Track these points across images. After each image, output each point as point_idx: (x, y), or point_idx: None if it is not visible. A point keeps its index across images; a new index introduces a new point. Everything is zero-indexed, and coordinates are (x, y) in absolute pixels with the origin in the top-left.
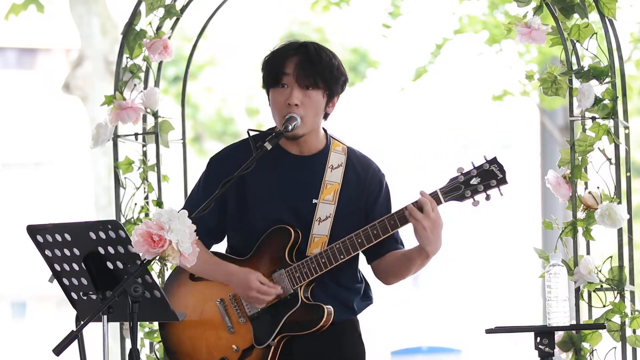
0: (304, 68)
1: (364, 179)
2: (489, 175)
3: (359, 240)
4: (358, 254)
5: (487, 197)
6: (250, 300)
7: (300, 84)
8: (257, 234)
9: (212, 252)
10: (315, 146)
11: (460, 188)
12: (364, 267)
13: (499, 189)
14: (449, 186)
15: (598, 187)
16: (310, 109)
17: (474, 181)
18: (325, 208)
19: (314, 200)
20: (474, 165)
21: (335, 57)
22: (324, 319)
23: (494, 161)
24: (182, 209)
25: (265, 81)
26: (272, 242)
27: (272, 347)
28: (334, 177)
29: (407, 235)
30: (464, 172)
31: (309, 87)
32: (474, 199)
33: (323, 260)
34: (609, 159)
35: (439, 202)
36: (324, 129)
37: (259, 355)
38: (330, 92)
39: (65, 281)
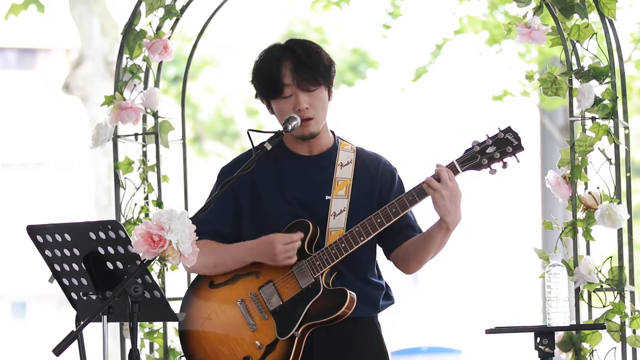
0: (300, 73)
1: (374, 174)
2: (505, 143)
3: (379, 220)
4: (376, 248)
5: (504, 165)
6: (280, 256)
7: (303, 89)
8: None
9: None
10: (323, 144)
11: (476, 157)
12: (383, 270)
13: (515, 156)
14: (466, 156)
15: (598, 188)
16: (320, 108)
17: (489, 150)
18: (339, 203)
19: (327, 197)
20: (488, 136)
21: (320, 49)
22: (347, 303)
23: (508, 130)
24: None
25: (264, 94)
26: None
27: (296, 339)
28: (344, 173)
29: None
30: (479, 142)
31: (312, 89)
32: (490, 168)
33: (343, 245)
34: (609, 159)
35: (456, 172)
36: (332, 131)
37: (282, 348)
38: (329, 83)
39: (65, 281)
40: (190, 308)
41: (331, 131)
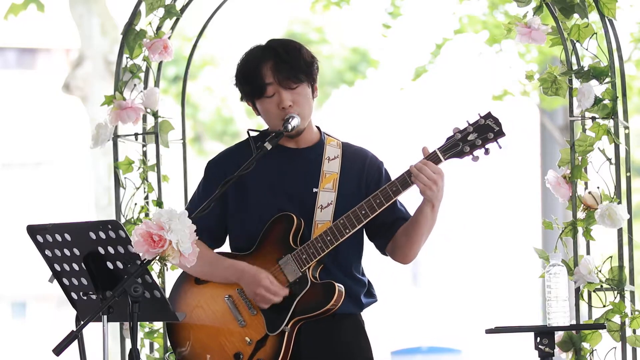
0: (281, 71)
1: (361, 168)
2: (486, 129)
3: (363, 212)
4: (363, 244)
5: (486, 152)
6: (257, 297)
7: (285, 86)
8: (259, 228)
9: (217, 252)
10: (310, 139)
11: (458, 145)
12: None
13: (497, 142)
14: (447, 144)
15: (598, 187)
16: (304, 104)
17: (471, 137)
18: (326, 196)
19: (315, 190)
20: (469, 123)
21: (301, 46)
22: (335, 297)
23: (488, 115)
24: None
25: (248, 95)
26: (275, 231)
27: (286, 334)
28: (331, 167)
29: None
30: (460, 129)
31: (293, 86)
32: (472, 155)
33: (329, 237)
34: (609, 159)
35: (438, 161)
36: (317, 126)
37: (273, 343)
38: (312, 80)
39: (65, 281)
40: (178, 305)
41: (317, 127)
